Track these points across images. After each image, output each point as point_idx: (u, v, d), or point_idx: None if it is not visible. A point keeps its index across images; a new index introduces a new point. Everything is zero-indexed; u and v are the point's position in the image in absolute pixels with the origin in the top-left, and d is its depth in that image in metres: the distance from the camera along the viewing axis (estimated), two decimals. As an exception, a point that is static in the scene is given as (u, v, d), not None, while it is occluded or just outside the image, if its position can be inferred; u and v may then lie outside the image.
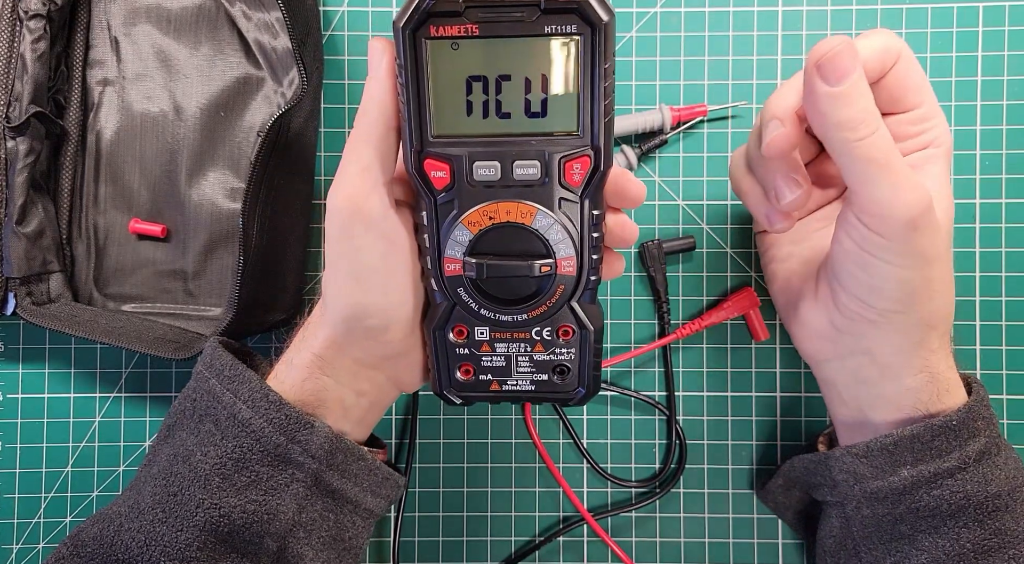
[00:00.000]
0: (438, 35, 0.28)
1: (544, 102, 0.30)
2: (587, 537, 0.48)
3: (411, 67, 0.29)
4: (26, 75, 0.44)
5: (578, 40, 0.28)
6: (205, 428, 0.34)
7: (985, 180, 0.47)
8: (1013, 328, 0.47)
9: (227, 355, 0.35)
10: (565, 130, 0.30)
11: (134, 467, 0.48)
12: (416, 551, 0.48)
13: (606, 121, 0.30)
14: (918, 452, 0.34)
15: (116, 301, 0.48)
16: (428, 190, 0.31)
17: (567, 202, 0.31)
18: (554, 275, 0.32)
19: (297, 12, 0.42)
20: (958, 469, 0.34)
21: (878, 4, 0.47)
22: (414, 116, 0.30)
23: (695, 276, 0.48)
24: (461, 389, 0.36)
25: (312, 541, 0.34)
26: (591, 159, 0.30)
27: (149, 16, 0.48)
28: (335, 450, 0.34)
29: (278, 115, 0.41)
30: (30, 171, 0.44)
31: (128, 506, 0.34)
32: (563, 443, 0.48)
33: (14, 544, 0.48)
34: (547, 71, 0.29)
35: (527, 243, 0.32)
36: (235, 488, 0.33)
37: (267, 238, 0.43)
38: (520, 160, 0.30)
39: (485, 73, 0.29)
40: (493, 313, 0.33)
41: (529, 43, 0.29)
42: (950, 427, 0.34)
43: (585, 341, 0.34)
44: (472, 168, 0.30)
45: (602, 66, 0.29)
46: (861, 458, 0.36)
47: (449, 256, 0.32)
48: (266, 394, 0.33)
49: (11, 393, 0.48)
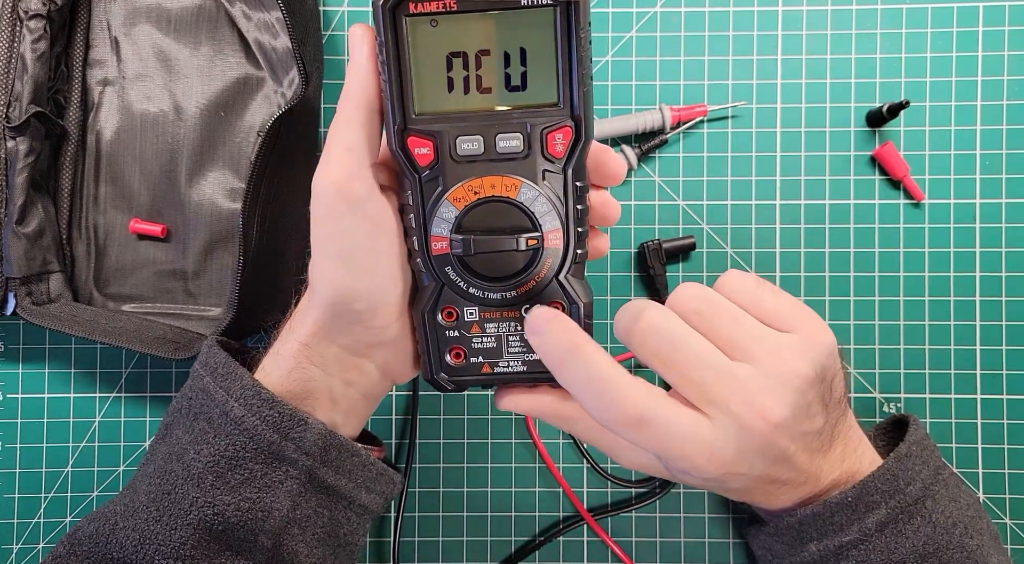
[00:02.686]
0: (417, 12, 0.29)
1: (524, 75, 0.30)
2: (587, 537, 0.48)
3: (391, 46, 0.29)
4: (26, 75, 0.44)
5: (554, 10, 0.29)
6: (199, 426, 0.34)
7: (985, 180, 0.47)
8: (1013, 328, 0.47)
9: (221, 353, 0.35)
10: (546, 102, 0.31)
11: (134, 467, 0.48)
12: (416, 551, 0.48)
13: (585, 90, 0.30)
14: (821, 528, 0.35)
15: (116, 301, 0.48)
16: (412, 168, 0.31)
17: (551, 173, 0.31)
18: (541, 249, 0.32)
19: (297, 12, 0.42)
20: (860, 541, 0.35)
21: (878, 4, 0.47)
22: (396, 95, 0.30)
23: (695, 276, 0.48)
24: (452, 374, 0.35)
25: (307, 538, 0.34)
26: (572, 129, 0.31)
27: (149, 16, 0.48)
28: (329, 446, 0.34)
29: (278, 115, 0.41)
30: (30, 171, 0.44)
31: (124, 505, 0.34)
32: (563, 443, 0.48)
33: (14, 544, 0.48)
34: (525, 43, 0.30)
35: (513, 218, 0.32)
36: (229, 486, 0.33)
37: (267, 238, 0.43)
38: (502, 133, 0.31)
39: (465, 49, 0.30)
40: (482, 291, 0.33)
41: (506, 16, 0.29)
42: (846, 503, 0.34)
43: (575, 316, 0.33)
44: (455, 143, 0.31)
45: (578, 34, 0.29)
46: (773, 536, 0.37)
47: (436, 234, 0.32)
48: (258, 391, 0.33)
49: (11, 393, 0.48)
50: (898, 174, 0.47)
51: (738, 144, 0.48)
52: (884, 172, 0.47)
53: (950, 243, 0.47)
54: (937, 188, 0.47)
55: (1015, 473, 0.47)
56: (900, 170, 0.46)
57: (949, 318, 0.47)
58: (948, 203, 0.47)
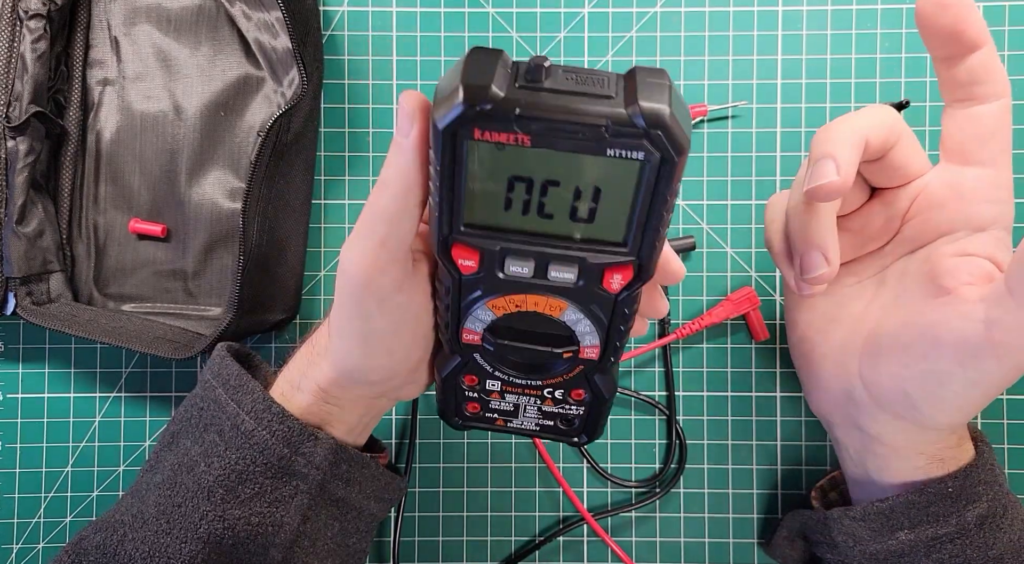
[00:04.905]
0: (483, 139, 0.24)
1: (592, 211, 0.26)
2: (587, 537, 0.48)
3: (448, 162, 0.25)
4: (26, 75, 0.44)
5: (644, 165, 0.24)
6: (209, 438, 0.34)
7: (985, 180, 0.47)
8: (1013, 328, 0.47)
9: (234, 364, 0.35)
10: (611, 239, 0.26)
11: (134, 467, 0.48)
12: (416, 551, 0.48)
13: (658, 240, 0.26)
14: (914, 517, 0.34)
15: (116, 301, 0.48)
16: (453, 272, 0.28)
17: (600, 301, 0.28)
18: (575, 359, 0.30)
19: (297, 12, 0.42)
20: (957, 535, 0.33)
21: (878, 4, 0.47)
22: (445, 202, 0.26)
23: (695, 276, 0.48)
24: (466, 420, 0.35)
25: (317, 550, 0.34)
26: (633, 270, 0.27)
27: (149, 16, 0.48)
28: (339, 460, 0.34)
29: (278, 115, 0.41)
30: (30, 171, 0.44)
31: (131, 515, 0.34)
32: (563, 443, 0.48)
33: (14, 544, 0.48)
34: (602, 185, 0.25)
35: (551, 327, 0.29)
36: (239, 500, 0.33)
37: (267, 238, 0.43)
38: (556, 263, 0.27)
39: (531, 176, 0.25)
40: (507, 376, 0.32)
41: (586, 159, 0.24)
42: (946, 494, 0.33)
43: (595, 405, 0.33)
44: (504, 262, 0.27)
45: (666, 194, 0.24)
46: (859, 521, 0.36)
47: (468, 328, 0.30)
48: (269, 406, 0.33)
49: (11, 393, 0.48)
50: (898, 174, 0.47)
51: (738, 144, 0.48)
52: (884, 172, 0.47)
53: (950, 243, 0.47)
54: (937, 188, 0.47)
55: (1015, 473, 0.47)
56: (900, 170, 0.46)
57: (949, 318, 0.47)
58: (948, 203, 0.47)
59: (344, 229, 0.48)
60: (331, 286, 0.48)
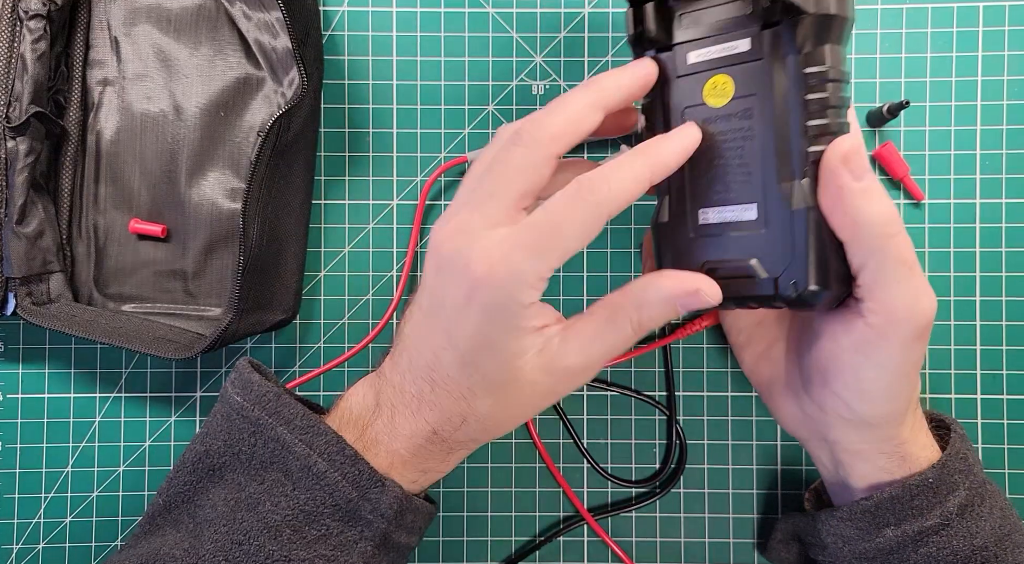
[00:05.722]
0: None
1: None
2: (587, 537, 0.48)
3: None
4: (26, 75, 0.44)
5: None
6: (271, 477, 0.33)
7: (985, 180, 0.47)
8: (1013, 328, 0.47)
9: (297, 405, 0.34)
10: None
11: (134, 467, 0.48)
12: (416, 551, 0.48)
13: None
14: (899, 513, 0.35)
15: (116, 301, 0.48)
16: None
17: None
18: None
19: (297, 12, 0.42)
20: (942, 526, 0.34)
21: (878, 4, 0.47)
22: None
23: (695, 276, 0.48)
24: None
25: None
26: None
27: (149, 16, 0.48)
28: (404, 510, 0.34)
29: (278, 115, 0.41)
30: (30, 171, 0.44)
31: (183, 550, 0.33)
32: (563, 443, 0.48)
33: (14, 544, 0.48)
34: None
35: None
36: (305, 541, 0.32)
37: (267, 238, 0.43)
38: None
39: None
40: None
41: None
42: (927, 485, 0.34)
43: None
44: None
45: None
46: (846, 521, 0.37)
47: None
48: (342, 448, 0.33)
49: (11, 393, 0.48)
50: (898, 174, 0.47)
51: (738, 144, 0.48)
52: (884, 172, 0.47)
53: (950, 243, 0.47)
54: (937, 188, 0.47)
55: (1015, 473, 0.47)
56: (900, 170, 0.46)
57: (949, 318, 0.47)
58: (948, 203, 0.47)
59: (344, 229, 0.48)
60: (331, 286, 0.48)
